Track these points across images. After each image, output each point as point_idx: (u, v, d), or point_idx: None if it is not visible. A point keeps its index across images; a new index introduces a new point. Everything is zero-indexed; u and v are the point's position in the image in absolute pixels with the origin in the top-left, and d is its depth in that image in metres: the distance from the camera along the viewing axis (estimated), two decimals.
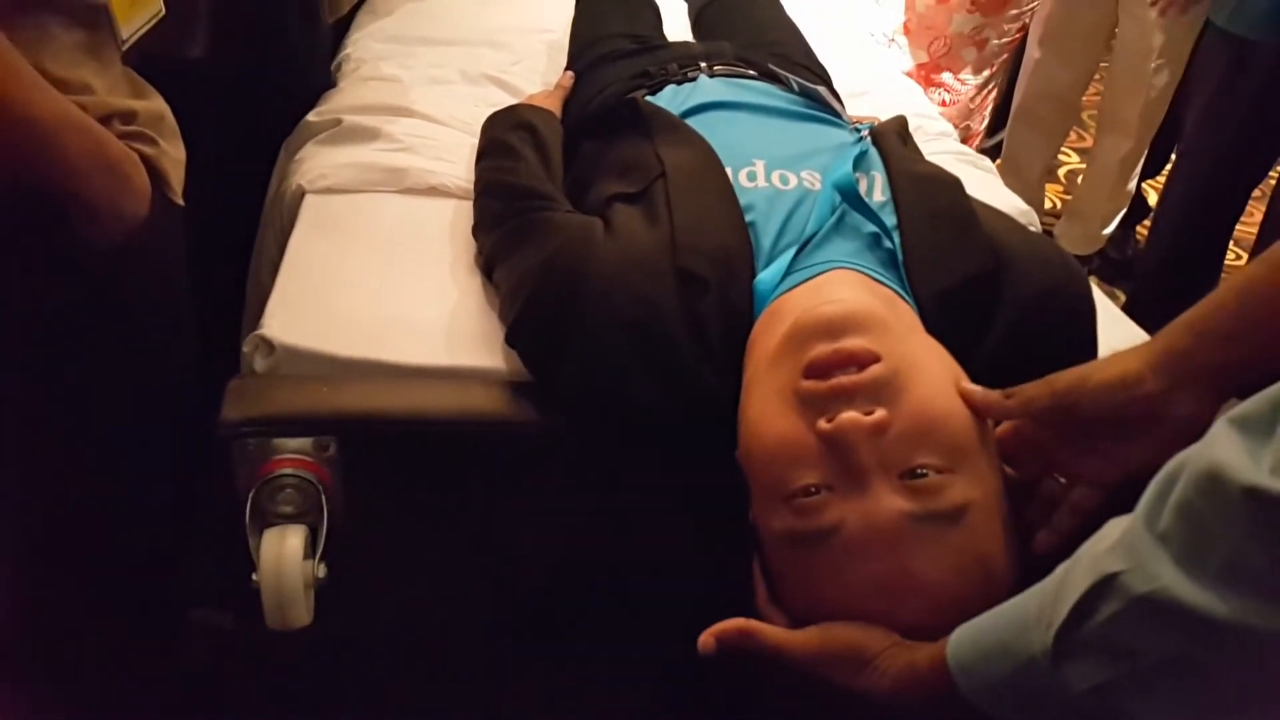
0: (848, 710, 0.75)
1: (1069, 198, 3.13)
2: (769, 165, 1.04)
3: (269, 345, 1.00)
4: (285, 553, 0.90)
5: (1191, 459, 0.55)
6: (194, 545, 1.24)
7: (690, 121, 1.14)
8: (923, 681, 0.69)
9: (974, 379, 0.83)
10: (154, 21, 1.08)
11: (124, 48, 0.99)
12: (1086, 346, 0.97)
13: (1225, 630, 0.52)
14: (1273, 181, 2.57)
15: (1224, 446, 0.53)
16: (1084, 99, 2.93)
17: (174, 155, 1.02)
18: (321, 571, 0.92)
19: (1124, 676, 0.57)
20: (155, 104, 1.02)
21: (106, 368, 0.99)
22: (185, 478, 1.18)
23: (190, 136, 1.06)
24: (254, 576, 0.90)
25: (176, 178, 1.02)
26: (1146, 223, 2.89)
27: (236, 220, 1.46)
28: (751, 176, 1.03)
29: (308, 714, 1.13)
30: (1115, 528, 0.60)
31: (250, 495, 0.92)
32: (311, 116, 1.42)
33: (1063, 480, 0.81)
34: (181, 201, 1.03)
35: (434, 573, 1.03)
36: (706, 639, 0.77)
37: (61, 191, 0.84)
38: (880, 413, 0.75)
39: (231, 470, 0.94)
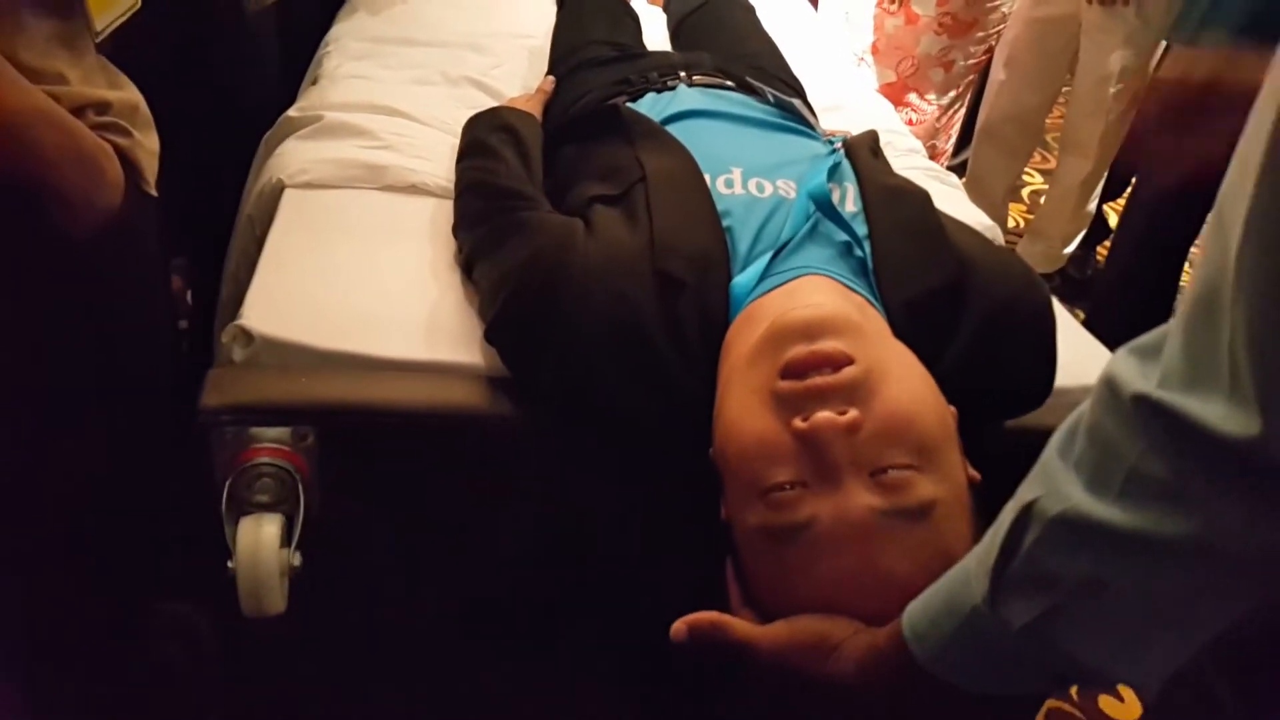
0: (815, 706, 0.77)
1: (1031, 217, 3.19)
2: (746, 173, 1.07)
3: (248, 336, 1.01)
4: (261, 540, 0.91)
5: (1095, 386, 0.59)
6: (165, 538, 1.24)
7: (670, 129, 1.16)
8: (884, 658, 0.71)
9: (939, 384, 0.86)
10: (129, 13, 1.08)
11: (98, 39, 0.99)
12: (1047, 356, 1.00)
13: (1129, 542, 0.55)
14: None
15: (1119, 366, 0.57)
16: (1048, 121, 2.99)
17: (148, 146, 1.02)
18: (297, 560, 0.93)
19: (1053, 609, 0.59)
20: (130, 94, 1.02)
21: (77, 357, 0.99)
22: (157, 469, 1.17)
23: (163, 128, 1.06)
24: (230, 564, 0.91)
25: (150, 168, 1.02)
26: (1107, 243, 2.95)
27: (210, 213, 1.46)
28: (729, 183, 1.06)
29: (279, 705, 1.13)
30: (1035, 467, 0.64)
31: (227, 483, 0.93)
32: (292, 112, 1.43)
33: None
34: (155, 192, 1.03)
35: (409, 564, 1.04)
36: (679, 627, 0.78)
37: (34, 184, 0.84)
38: (853, 413, 0.77)
39: (209, 458, 0.94)
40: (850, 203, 1.04)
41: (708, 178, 1.05)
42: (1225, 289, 0.50)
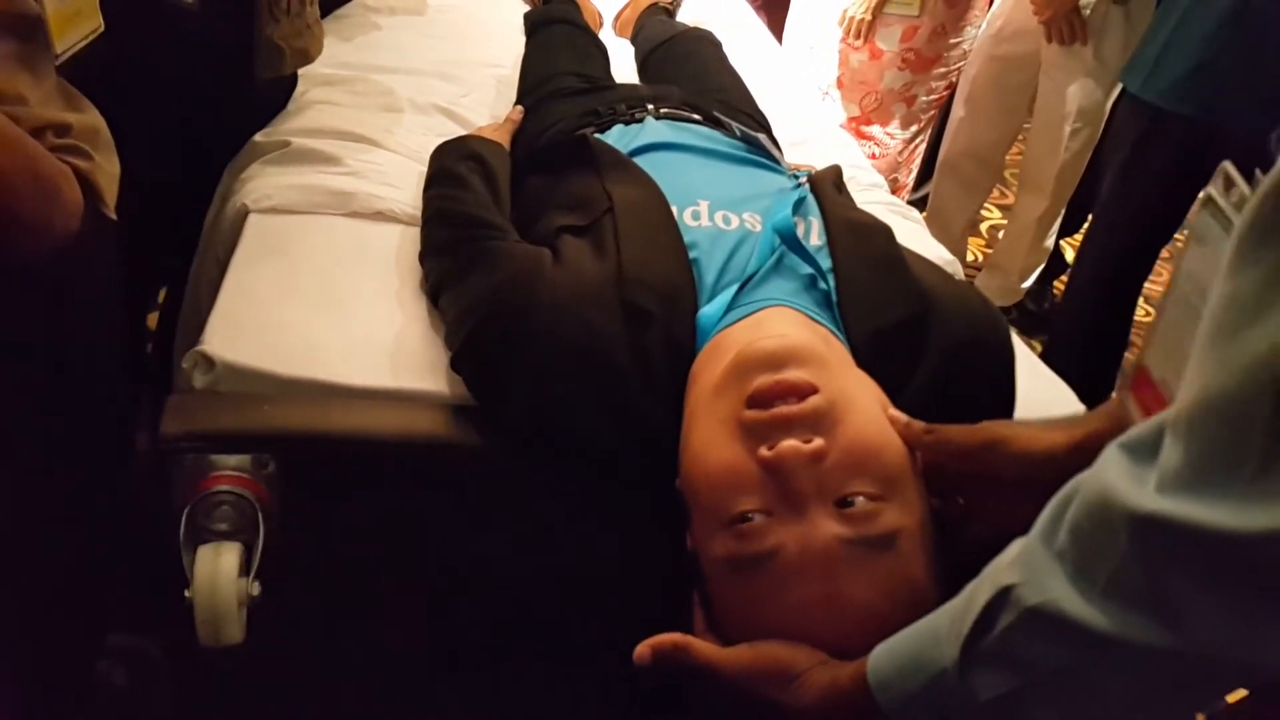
0: None
1: (990, 251, 3.24)
2: (713, 206, 1.08)
3: (209, 361, 1.00)
4: (220, 569, 0.90)
5: (1085, 483, 0.59)
6: (117, 567, 1.22)
7: (637, 161, 1.17)
8: (845, 697, 0.71)
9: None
10: (93, 37, 1.07)
11: (58, 61, 0.98)
12: (1006, 390, 1.01)
13: (1106, 643, 0.56)
14: (1179, 244, 2.70)
15: (1113, 471, 0.56)
16: (1007, 158, 3.04)
17: (108, 169, 1.01)
18: (256, 590, 0.92)
19: (1024, 687, 0.60)
20: (90, 117, 1.01)
21: (30, 382, 0.97)
22: (106, 494, 1.16)
23: (125, 151, 1.05)
24: (187, 593, 0.89)
25: (110, 192, 1.01)
26: (1064, 278, 3.00)
27: (171, 238, 1.45)
28: (696, 216, 1.07)
29: None
30: (1016, 545, 0.64)
31: (186, 511, 0.91)
32: (259, 137, 1.42)
33: (961, 502, 0.86)
34: (114, 216, 1.02)
35: (371, 595, 1.03)
36: (643, 650, 0.79)
37: None
38: (818, 442, 0.78)
39: (168, 485, 0.93)
40: (815, 237, 1.06)
41: (675, 209, 1.06)
42: (1258, 395, 0.49)
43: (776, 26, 2.79)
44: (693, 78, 1.67)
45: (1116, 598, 0.55)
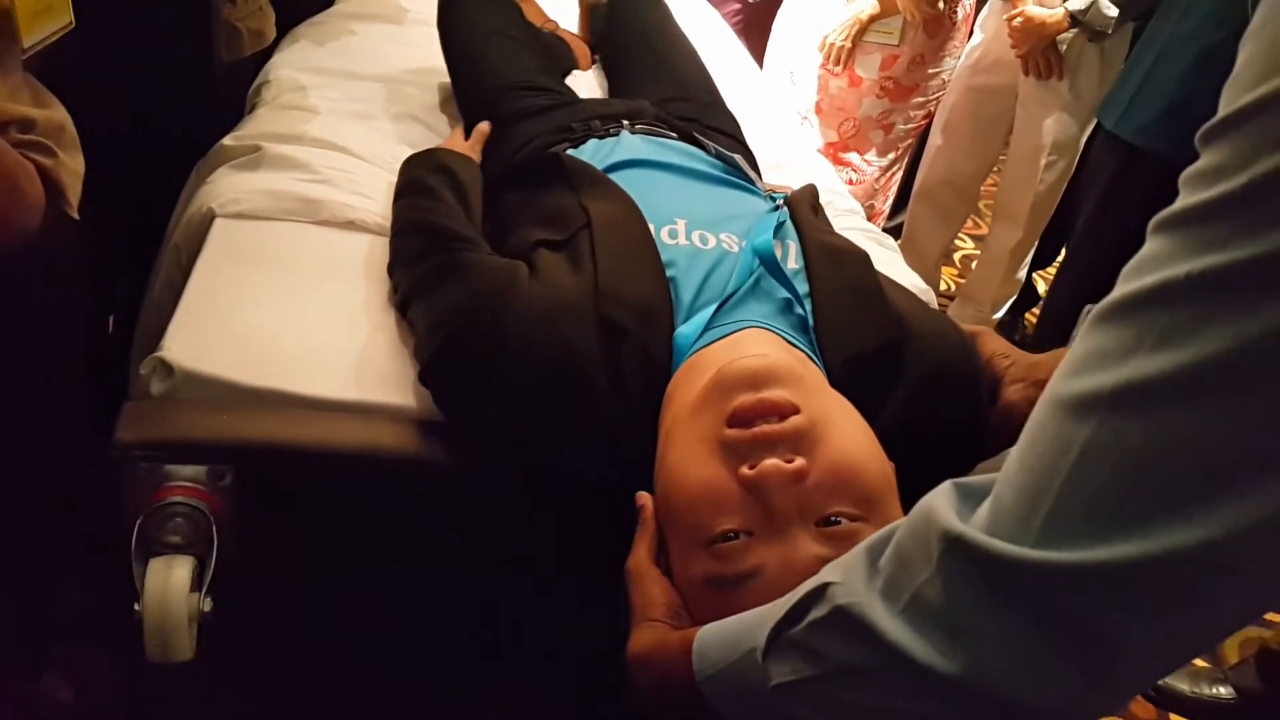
0: None
1: (963, 281, 3.26)
2: (690, 225, 1.07)
3: (168, 368, 0.97)
4: (171, 584, 0.88)
5: (916, 507, 0.61)
6: (61, 574, 1.19)
7: (613, 177, 1.16)
8: (667, 657, 0.74)
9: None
10: (62, 32, 1.05)
11: (26, 55, 0.96)
12: (978, 420, 1.00)
13: (893, 655, 0.57)
14: None
15: (941, 500, 0.58)
16: (982, 188, 3.06)
17: (72, 167, 1.00)
18: (208, 605, 0.89)
19: (809, 678, 0.62)
20: (56, 113, 1.00)
21: None
22: (62, 502, 1.13)
23: (92, 150, 1.03)
24: (136, 606, 0.87)
25: (74, 190, 0.99)
26: (1036, 310, 3.01)
27: (132, 239, 1.42)
28: (673, 234, 1.06)
29: None
30: (851, 552, 0.66)
31: (138, 522, 0.89)
32: (228, 140, 1.39)
33: None
34: (77, 215, 1.00)
35: (327, 613, 1.00)
36: (644, 495, 0.86)
37: None
38: (800, 461, 0.78)
39: (121, 494, 0.90)
40: (792, 260, 1.05)
41: (652, 227, 1.05)
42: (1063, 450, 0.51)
43: (757, 51, 2.79)
44: (667, 84, 1.65)
45: (913, 614, 0.57)
